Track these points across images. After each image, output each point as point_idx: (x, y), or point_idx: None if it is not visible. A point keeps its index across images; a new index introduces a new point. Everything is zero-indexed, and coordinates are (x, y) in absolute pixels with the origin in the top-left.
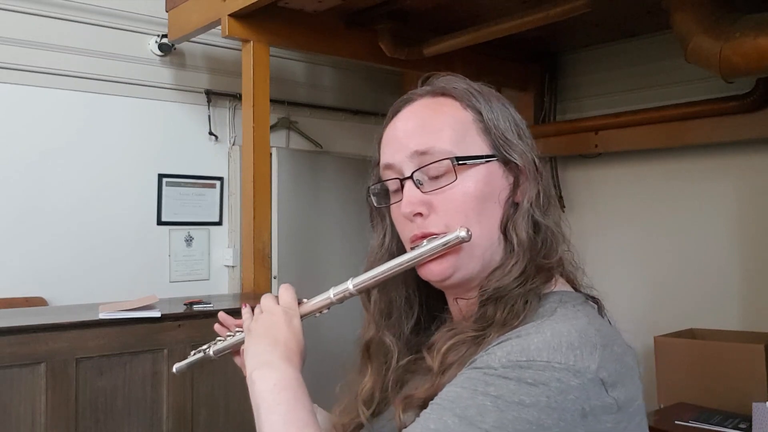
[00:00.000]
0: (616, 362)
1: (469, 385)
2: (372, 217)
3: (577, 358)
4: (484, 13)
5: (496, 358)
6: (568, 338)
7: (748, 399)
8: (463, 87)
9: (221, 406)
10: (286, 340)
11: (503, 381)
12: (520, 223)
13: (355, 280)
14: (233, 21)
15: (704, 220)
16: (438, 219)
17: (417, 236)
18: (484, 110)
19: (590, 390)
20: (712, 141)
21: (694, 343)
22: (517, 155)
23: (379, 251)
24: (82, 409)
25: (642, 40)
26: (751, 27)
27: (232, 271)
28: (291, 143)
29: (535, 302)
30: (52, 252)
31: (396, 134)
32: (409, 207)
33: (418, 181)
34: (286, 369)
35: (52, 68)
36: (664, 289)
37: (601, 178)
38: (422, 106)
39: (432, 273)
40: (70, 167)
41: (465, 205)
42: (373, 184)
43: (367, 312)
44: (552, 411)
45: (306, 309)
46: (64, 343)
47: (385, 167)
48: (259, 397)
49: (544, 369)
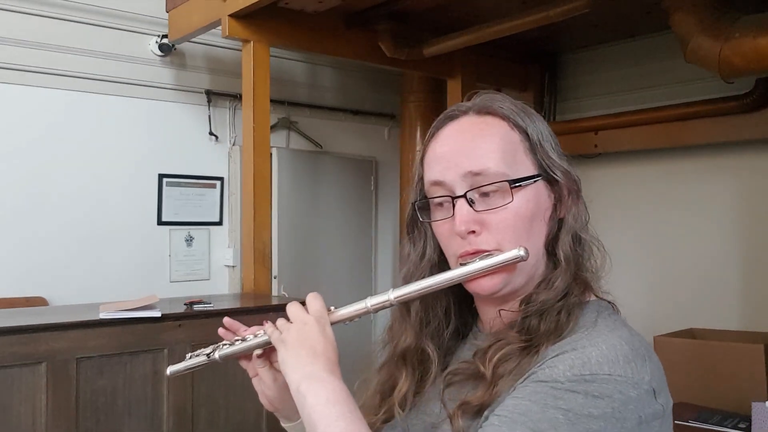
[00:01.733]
0: (658, 370)
1: (538, 398)
2: (410, 230)
3: (634, 370)
4: (484, 13)
5: (560, 372)
6: (622, 351)
7: (747, 399)
8: (509, 106)
9: (221, 406)
10: (324, 350)
11: (571, 395)
12: (564, 238)
13: (396, 291)
14: (233, 21)
15: (704, 220)
16: (490, 237)
17: (468, 252)
18: (530, 130)
19: (645, 399)
20: (712, 141)
21: (694, 343)
22: (560, 173)
23: (419, 262)
24: (82, 408)
25: (642, 41)
26: (750, 27)
27: (233, 271)
28: (291, 143)
29: (578, 314)
30: (52, 252)
31: (444, 152)
32: (464, 225)
33: (471, 200)
34: (333, 381)
35: (52, 68)
36: (664, 289)
37: (601, 178)
38: (470, 124)
39: (483, 288)
40: (71, 167)
41: (516, 224)
42: (420, 199)
43: (405, 320)
44: (616, 421)
45: (337, 317)
46: (64, 343)
47: (433, 183)
48: (312, 412)
49: (607, 382)
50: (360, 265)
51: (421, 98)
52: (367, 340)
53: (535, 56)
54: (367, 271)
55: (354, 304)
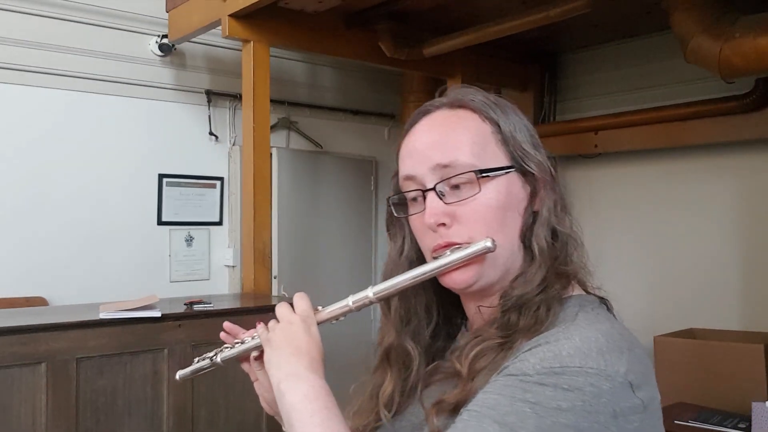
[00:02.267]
0: (639, 364)
1: (507, 392)
2: (389, 227)
3: (608, 362)
4: (484, 13)
5: (530, 365)
6: (596, 343)
7: (747, 399)
8: (481, 99)
9: (221, 406)
10: (308, 349)
11: (540, 387)
12: (540, 231)
13: (375, 288)
14: (233, 21)
15: (704, 220)
16: (461, 229)
17: (440, 246)
18: (502, 122)
19: (620, 392)
20: (712, 141)
21: (694, 343)
22: (535, 165)
23: (398, 259)
24: (82, 408)
25: (642, 41)
26: (750, 27)
27: (233, 271)
28: (291, 143)
29: (558, 308)
30: (52, 252)
31: (416, 146)
32: (433, 218)
33: (441, 193)
34: (313, 379)
35: (52, 68)
36: (664, 289)
37: (601, 178)
38: (441, 117)
39: (455, 281)
40: (71, 167)
41: (487, 215)
42: (393, 195)
43: (387, 319)
44: (587, 414)
45: (323, 316)
46: (64, 343)
47: (405, 178)
48: (290, 409)
49: (578, 374)
50: (360, 265)
51: (421, 98)
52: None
53: (535, 56)
54: (367, 271)
55: (338, 303)
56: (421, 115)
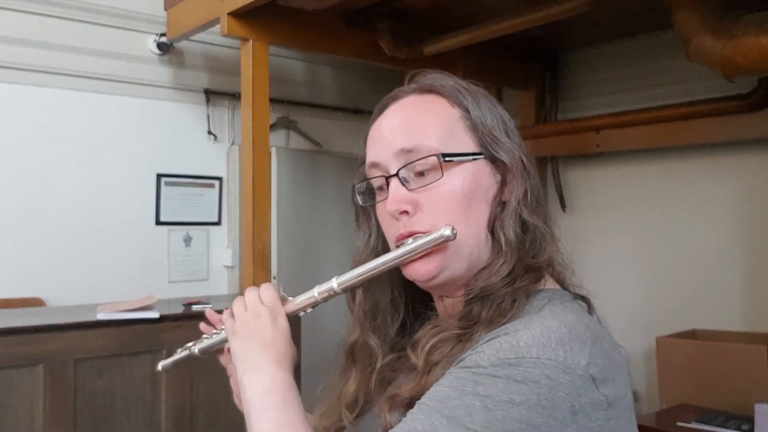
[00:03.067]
0: (605, 358)
1: (458, 384)
2: (357, 217)
3: (567, 353)
4: (485, 12)
5: (485, 357)
6: (557, 334)
7: (750, 400)
8: (450, 84)
9: (220, 406)
10: (273, 341)
11: (492, 380)
12: (508, 221)
13: (340, 278)
14: (232, 20)
15: (706, 220)
16: (424, 217)
17: (403, 235)
18: (472, 107)
19: (580, 387)
20: (714, 140)
21: (696, 343)
22: (505, 153)
23: (364, 251)
24: (80, 409)
25: (643, 39)
26: (753, 26)
27: (232, 272)
28: (291, 143)
29: (523, 300)
30: (50, 252)
31: (382, 132)
32: (395, 205)
33: (404, 179)
34: (275, 372)
35: (50, 67)
36: (666, 290)
37: (602, 178)
38: (409, 103)
39: (417, 273)
40: (68, 167)
41: (451, 203)
42: (358, 183)
43: (352, 313)
44: (542, 409)
45: (291, 308)
46: (62, 344)
47: (370, 165)
48: (249, 402)
49: (534, 366)
50: None
51: None
52: None
53: (536, 55)
54: None
55: (304, 294)
56: (390, 100)
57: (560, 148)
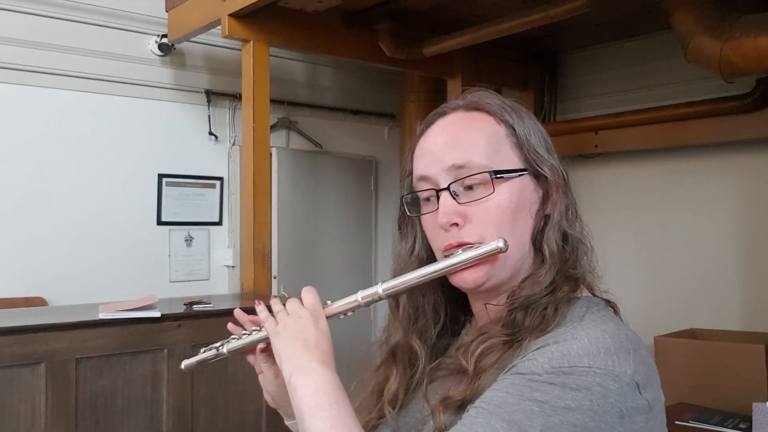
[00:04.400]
0: (645, 365)
1: (515, 390)
2: (401, 225)
3: (615, 363)
4: (484, 13)
5: (538, 364)
6: (604, 344)
7: (748, 399)
8: (496, 102)
9: (221, 406)
10: (318, 342)
11: (548, 387)
12: (551, 234)
13: (385, 284)
14: (233, 21)
15: (704, 220)
16: (473, 229)
17: (452, 245)
18: (517, 125)
19: (627, 393)
20: (712, 141)
21: (695, 343)
22: (548, 169)
23: (408, 258)
24: (82, 409)
25: (642, 40)
26: (751, 27)
27: (232, 271)
28: (291, 143)
29: (565, 309)
30: (51, 252)
31: (431, 147)
32: (446, 217)
33: (454, 193)
34: (324, 372)
35: (51, 68)
36: (664, 289)
37: (601, 178)
38: (456, 119)
39: (465, 281)
40: (70, 167)
41: (499, 216)
42: (407, 194)
43: (395, 316)
44: (594, 414)
45: (331, 310)
46: (64, 343)
47: (419, 178)
48: (301, 403)
49: (586, 374)
50: (360, 266)
51: (421, 98)
52: (366, 340)
53: (536, 56)
54: (367, 271)
55: (346, 298)
56: (437, 116)
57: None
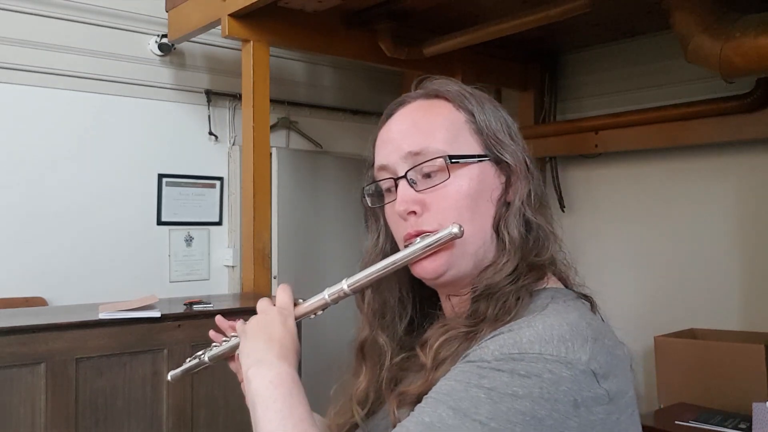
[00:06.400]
0: (607, 354)
1: (463, 378)
2: (366, 219)
3: (569, 350)
4: (484, 13)
5: (489, 352)
6: (559, 331)
7: (748, 399)
8: (456, 89)
9: (221, 406)
10: (280, 338)
11: (496, 373)
12: (512, 221)
13: (349, 280)
14: (233, 21)
15: (704, 220)
16: (431, 217)
17: (411, 234)
18: (476, 111)
19: (582, 381)
20: (713, 141)
21: (695, 343)
22: (509, 155)
23: (373, 252)
24: (81, 409)
25: (642, 40)
26: (751, 27)
27: (232, 271)
28: (291, 143)
29: (527, 298)
30: (51, 252)
31: (390, 136)
32: (403, 205)
33: (412, 180)
34: (280, 366)
35: (51, 68)
36: (664, 289)
37: (601, 178)
38: (415, 107)
39: (425, 270)
40: (70, 167)
41: (458, 203)
42: (367, 185)
43: (362, 313)
44: (545, 402)
45: (301, 310)
46: (63, 343)
47: (379, 168)
48: (254, 395)
49: (536, 361)
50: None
51: None
52: None
53: (536, 56)
54: None
55: (315, 297)
56: (397, 105)
57: (559, 149)
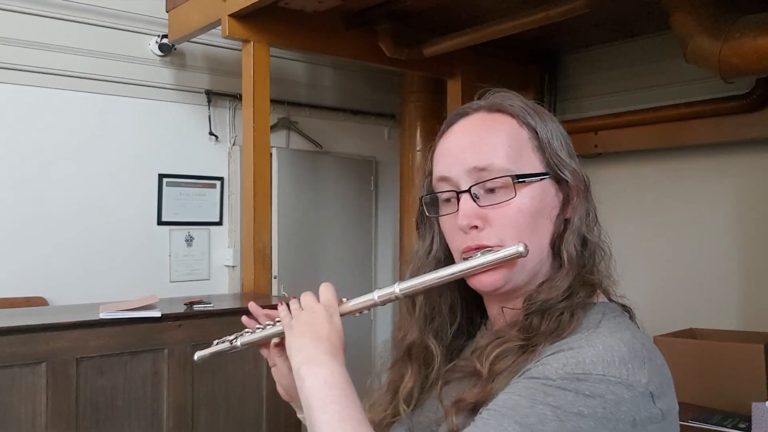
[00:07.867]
0: (660, 375)
1: (528, 394)
2: (419, 225)
3: (630, 372)
4: (484, 13)
5: (552, 370)
6: (619, 352)
7: (747, 399)
8: (519, 104)
9: (221, 406)
10: (328, 336)
11: (562, 392)
12: (570, 239)
13: (402, 284)
14: (233, 21)
15: (704, 220)
16: (492, 233)
17: (471, 248)
18: (539, 128)
19: (640, 402)
20: (712, 141)
21: (694, 342)
22: (569, 173)
23: (425, 258)
24: (82, 408)
25: (641, 41)
26: (750, 27)
27: (233, 271)
28: (291, 143)
29: (581, 314)
30: (52, 252)
31: (452, 148)
32: (466, 219)
33: (475, 195)
34: (332, 365)
35: (52, 68)
36: (664, 289)
37: (601, 179)
38: (478, 120)
39: (483, 284)
40: (71, 167)
41: (519, 220)
42: (426, 195)
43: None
44: (607, 422)
45: (346, 308)
46: (64, 343)
47: (439, 179)
48: (309, 395)
49: (600, 382)
50: (360, 265)
51: (421, 98)
52: (367, 342)
53: (535, 56)
54: (367, 271)
55: (362, 297)
56: (458, 116)
57: None
